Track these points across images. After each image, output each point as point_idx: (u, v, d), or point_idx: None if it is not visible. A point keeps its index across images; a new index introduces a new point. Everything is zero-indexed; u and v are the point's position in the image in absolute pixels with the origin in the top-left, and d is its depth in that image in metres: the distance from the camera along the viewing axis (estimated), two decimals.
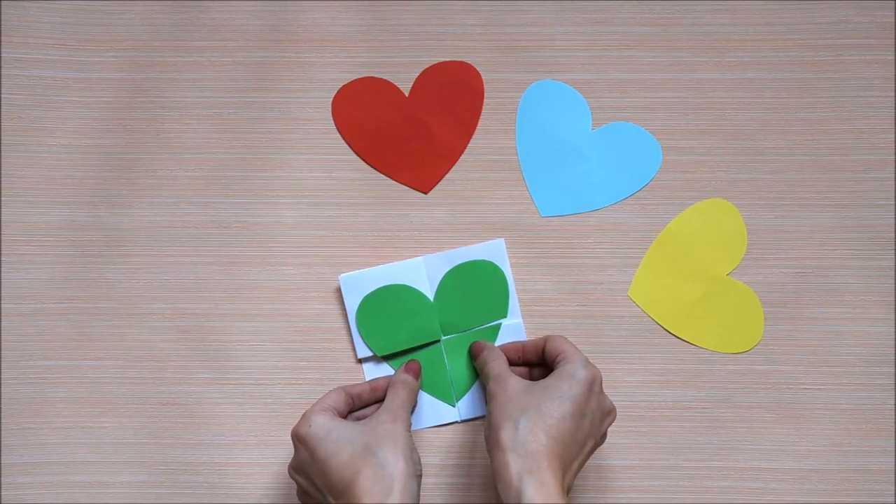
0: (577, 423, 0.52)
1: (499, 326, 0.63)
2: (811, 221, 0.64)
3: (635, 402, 0.62)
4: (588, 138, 0.65)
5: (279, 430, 0.63)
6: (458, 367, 0.62)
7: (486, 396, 0.56)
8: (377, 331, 0.62)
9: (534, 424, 0.51)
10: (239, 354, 0.63)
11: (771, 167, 0.64)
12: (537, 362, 0.59)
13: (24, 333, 0.63)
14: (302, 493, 0.55)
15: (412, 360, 0.61)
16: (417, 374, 0.60)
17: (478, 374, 0.61)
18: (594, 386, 0.54)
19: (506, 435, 0.51)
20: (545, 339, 0.58)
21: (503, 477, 0.49)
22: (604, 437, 0.55)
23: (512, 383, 0.54)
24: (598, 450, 0.56)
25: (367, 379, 0.62)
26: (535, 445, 0.50)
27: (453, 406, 0.62)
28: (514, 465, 0.49)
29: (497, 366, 0.57)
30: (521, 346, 0.60)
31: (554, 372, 0.55)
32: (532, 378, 0.59)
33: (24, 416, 0.63)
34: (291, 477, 0.55)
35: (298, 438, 0.54)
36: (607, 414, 0.55)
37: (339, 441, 0.52)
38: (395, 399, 0.56)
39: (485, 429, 0.54)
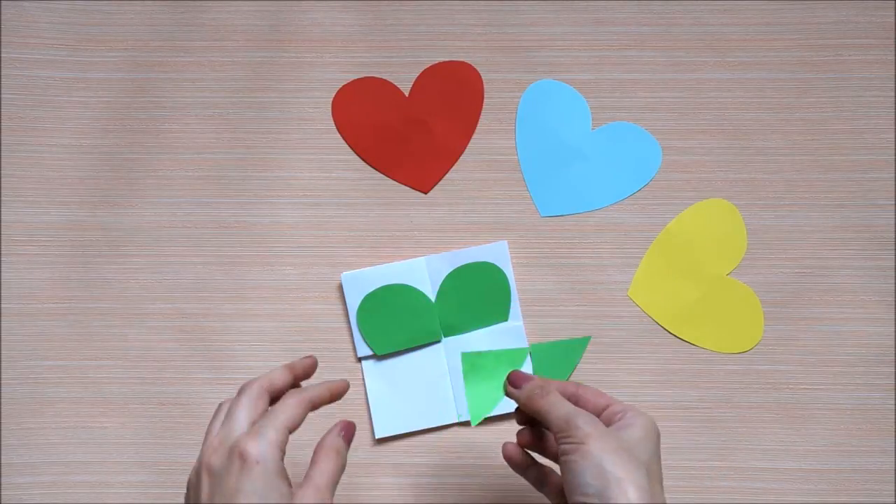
0: (661, 484, 0.47)
1: (527, 351, 0.60)
2: (811, 221, 0.64)
3: (635, 402, 0.62)
4: (588, 138, 0.65)
5: None
6: (469, 382, 0.61)
7: (572, 432, 0.46)
8: (378, 330, 0.62)
9: (654, 482, 0.44)
10: (239, 354, 0.63)
11: (771, 167, 0.64)
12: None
13: (24, 333, 0.63)
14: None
15: (349, 423, 0.48)
16: (351, 440, 0.48)
17: (524, 403, 0.50)
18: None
19: (633, 489, 0.43)
20: (577, 388, 0.49)
21: None
22: None
23: (603, 426, 0.46)
24: None
25: (366, 378, 0.62)
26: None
27: (453, 407, 0.62)
28: None
29: (565, 403, 0.48)
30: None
31: (628, 423, 0.46)
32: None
33: (24, 416, 0.63)
34: (197, 482, 0.45)
35: (241, 455, 0.43)
36: None
37: (266, 495, 0.42)
38: (324, 473, 0.45)
39: (587, 475, 0.44)
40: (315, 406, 0.48)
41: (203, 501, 0.43)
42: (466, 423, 0.62)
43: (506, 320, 0.63)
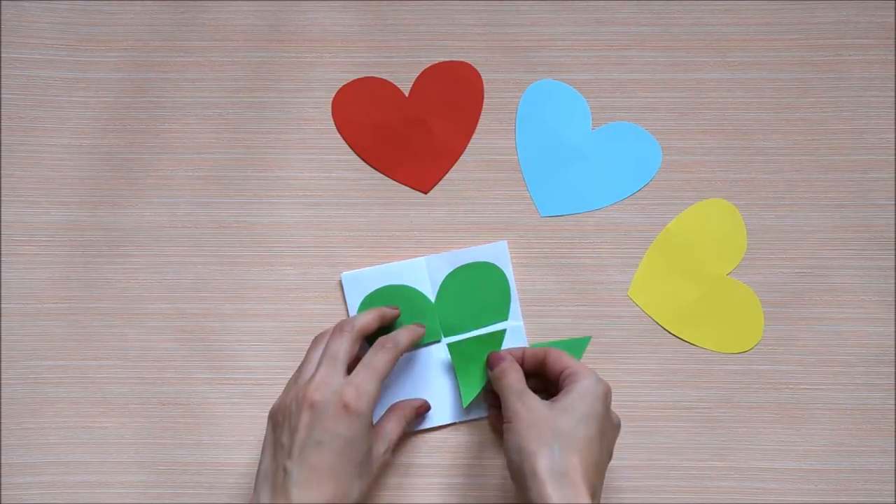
0: (601, 442, 0.52)
1: (504, 332, 0.62)
2: (811, 221, 0.64)
3: (635, 402, 0.62)
4: (588, 138, 0.65)
5: None
6: (458, 368, 0.62)
7: (501, 411, 0.55)
8: (377, 330, 0.62)
9: (568, 451, 0.50)
10: (239, 354, 0.63)
11: (771, 167, 0.64)
12: (533, 373, 0.58)
13: (24, 333, 0.63)
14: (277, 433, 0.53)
15: (426, 408, 0.61)
16: (419, 416, 0.61)
17: (492, 384, 0.59)
18: (608, 401, 0.54)
19: (543, 463, 0.50)
20: (545, 352, 0.57)
21: None
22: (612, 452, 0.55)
23: (535, 402, 0.53)
24: None
25: None
26: (573, 474, 0.49)
27: (453, 407, 0.62)
28: (555, 495, 0.49)
29: (518, 381, 0.55)
30: (519, 353, 0.59)
31: (568, 388, 0.53)
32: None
33: (24, 416, 0.63)
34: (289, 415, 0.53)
35: (346, 406, 0.52)
36: (617, 428, 0.55)
37: (356, 442, 0.52)
38: (395, 431, 0.58)
39: (509, 451, 0.52)
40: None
41: (301, 427, 0.51)
42: (466, 423, 0.62)
43: (506, 320, 0.63)
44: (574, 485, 0.49)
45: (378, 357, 0.55)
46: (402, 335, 0.57)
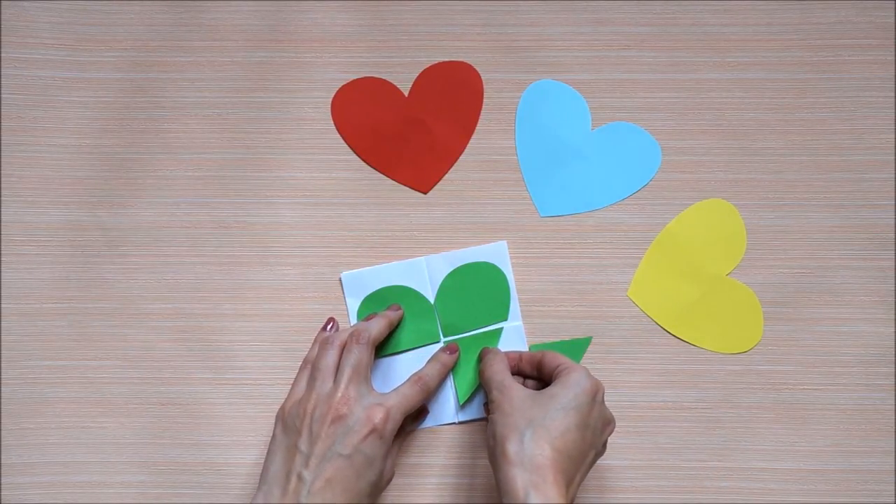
0: (581, 434, 0.52)
1: (500, 330, 0.62)
2: (811, 221, 0.64)
3: (635, 402, 0.62)
4: (588, 138, 0.65)
5: None
6: (458, 369, 0.62)
7: (488, 404, 0.56)
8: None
9: (539, 437, 0.51)
10: (238, 354, 0.63)
11: (770, 167, 0.64)
12: (530, 375, 0.59)
13: (24, 333, 0.63)
14: (287, 436, 0.54)
15: (423, 411, 0.62)
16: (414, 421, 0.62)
17: (479, 378, 0.60)
18: (597, 396, 0.54)
19: (512, 447, 0.51)
20: (542, 354, 0.58)
21: (509, 490, 0.50)
22: (604, 447, 0.55)
23: (516, 392, 0.54)
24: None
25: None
26: (540, 459, 0.50)
27: (453, 407, 0.62)
28: (521, 478, 0.49)
29: (500, 372, 0.57)
30: (517, 356, 0.59)
31: (557, 381, 0.54)
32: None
33: (24, 416, 0.63)
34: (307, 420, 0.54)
35: (374, 429, 0.53)
36: (608, 424, 0.55)
37: (374, 462, 0.54)
38: (397, 448, 0.59)
39: (488, 438, 0.54)
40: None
41: (324, 437, 0.53)
42: (466, 423, 0.62)
43: (505, 320, 0.63)
44: (540, 470, 0.50)
45: (413, 392, 0.57)
46: (434, 373, 0.59)
